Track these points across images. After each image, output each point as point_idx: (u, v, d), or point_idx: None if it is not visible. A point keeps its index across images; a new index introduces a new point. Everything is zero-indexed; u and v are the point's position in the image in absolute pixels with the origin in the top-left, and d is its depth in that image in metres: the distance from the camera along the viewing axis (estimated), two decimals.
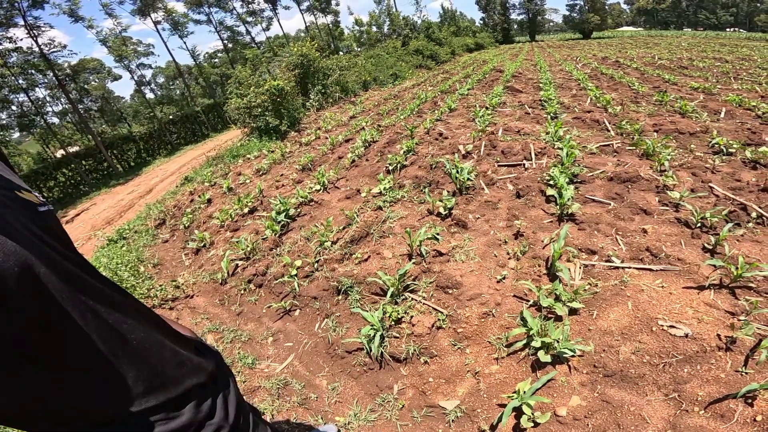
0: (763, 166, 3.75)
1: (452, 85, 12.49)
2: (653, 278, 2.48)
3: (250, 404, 1.39)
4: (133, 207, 9.57)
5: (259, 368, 2.61)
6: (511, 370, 2.13)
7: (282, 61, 15.86)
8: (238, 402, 0.91)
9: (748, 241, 2.71)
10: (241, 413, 0.89)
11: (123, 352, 0.63)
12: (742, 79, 9.49)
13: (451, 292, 2.66)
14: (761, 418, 1.67)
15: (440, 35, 34.24)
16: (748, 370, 1.86)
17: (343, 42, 39.64)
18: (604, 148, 4.71)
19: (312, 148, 7.71)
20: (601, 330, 2.18)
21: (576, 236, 2.99)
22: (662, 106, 6.58)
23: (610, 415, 1.82)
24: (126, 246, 5.35)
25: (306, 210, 4.45)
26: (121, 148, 19.20)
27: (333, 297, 2.96)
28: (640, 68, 12.39)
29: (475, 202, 3.77)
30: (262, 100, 11.03)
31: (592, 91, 7.89)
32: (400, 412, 2.09)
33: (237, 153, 9.59)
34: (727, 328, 2.06)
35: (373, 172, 5.03)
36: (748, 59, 14.63)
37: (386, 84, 19.58)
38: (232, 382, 0.94)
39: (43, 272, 0.52)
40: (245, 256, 3.81)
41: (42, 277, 0.52)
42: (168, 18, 26.95)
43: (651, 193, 3.46)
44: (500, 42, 52.24)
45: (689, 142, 4.65)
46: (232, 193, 5.97)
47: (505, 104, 7.80)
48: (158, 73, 43.36)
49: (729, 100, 6.44)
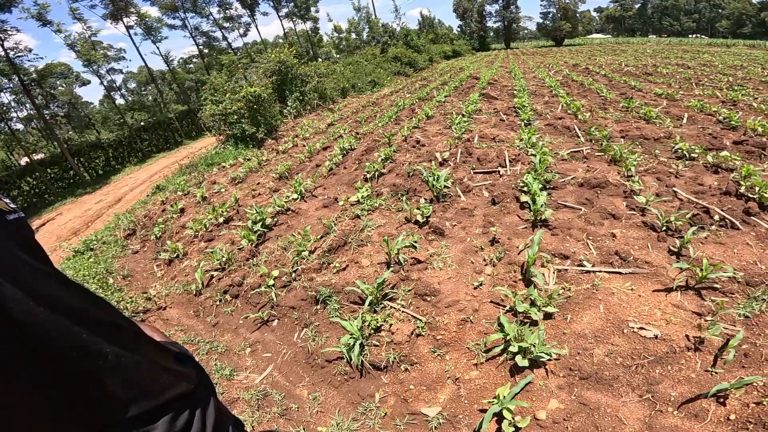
0: (725, 170, 3.94)
1: (430, 93, 12.66)
2: (623, 281, 2.56)
3: (235, 417, 1.34)
4: (101, 217, 9.20)
5: (238, 379, 2.56)
6: (490, 376, 2.16)
7: (259, 67, 15.66)
8: (218, 416, 0.88)
9: (712, 243, 2.83)
10: (220, 428, 0.86)
11: (97, 367, 0.60)
12: (703, 84, 10.01)
13: (429, 300, 2.67)
14: (735, 417, 1.72)
15: (419, 42, 34.67)
16: (718, 370, 1.92)
17: (321, 48, 39.59)
18: (574, 154, 4.86)
19: (289, 156, 7.64)
20: (576, 333, 2.24)
21: (549, 241, 3.07)
22: (628, 113, 6.86)
23: (588, 417, 1.86)
24: (93, 257, 5.14)
25: (283, 219, 4.39)
26: (88, 155, 18.45)
27: (311, 306, 2.93)
28: (608, 75, 12.91)
29: (452, 209, 3.82)
30: (239, 106, 10.84)
31: (563, 98, 8.15)
32: (382, 420, 2.08)
33: (212, 161, 9.39)
34: (694, 328, 2.13)
35: (351, 181, 5.02)
36: (710, 65, 15.46)
37: (365, 91, 19.64)
38: (212, 395, 0.91)
39: (8, 290, 0.49)
40: (220, 267, 3.72)
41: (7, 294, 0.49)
42: (141, 23, 26.21)
43: (619, 198, 3.59)
44: (477, 49, 53.40)
45: (654, 148, 4.85)
46: (206, 202, 5.83)
47: (480, 111, 7.97)
48: (129, 78, 42.12)
49: (691, 105, 6.77)
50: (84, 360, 0.58)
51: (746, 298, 2.32)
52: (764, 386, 1.79)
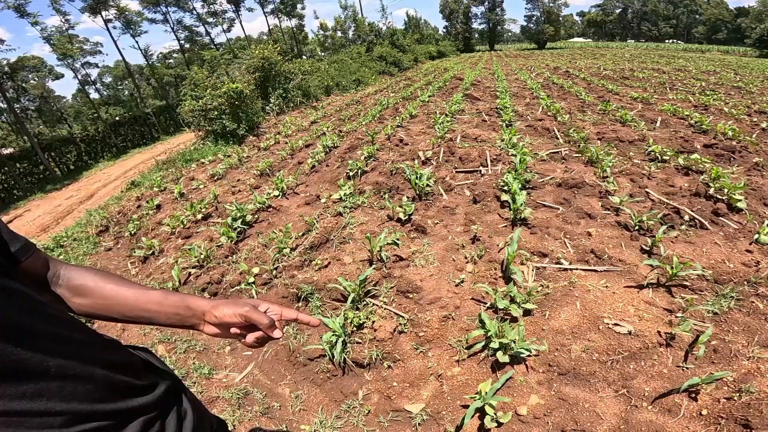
0: (695, 172, 4.09)
1: (414, 92, 12.70)
2: (598, 279, 2.63)
3: (218, 418, 1.29)
4: (71, 213, 8.86)
5: (217, 378, 2.49)
6: (472, 372, 2.17)
7: (242, 63, 15.39)
8: (197, 426, 0.84)
9: (682, 242, 2.94)
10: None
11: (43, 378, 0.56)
12: (677, 89, 10.37)
13: (411, 297, 2.67)
14: (706, 413, 1.76)
15: (404, 42, 34.70)
16: (689, 365, 1.98)
17: (307, 46, 39.20)
18: (553, 155, 4.96)
19: (271, 152, 7.53)
20: (554, 329, 2.28)
21: (528, 240, 3.12)
22: (605, 115, 7.05)
23: (567, 412, 1.88)
24: (64, 255, 4.93)
25: (264, 216, 4.32)
26: (59, 150, 17.67)
27: (293, 304, 2.89)
28: (587, 78, 13.24)
29: (434, 207, 3.84)
30: (219, 102, 10.62)
31: (544, 100, 8.31)
32: (366, 417, 2.07)
33: (190, 157, 9.15)
34: (666, 324, 2.20)
35: (334, 178, 4.99)
36: (684, 70, 16.06)
37: (349, 89, 19.55)
38: (189, 401, 0.87)
39: None
40: (198, 264, 3.62)
41: None
42: (120, 16, 25.33)
43: (595, 198, 3.68)
44: (461, 50, 53.94)
45: (628, 150, 5.01)
46: (184, 198, 5.68)
47: (463, 111, 8.04)
48: (105, 72, 40.72)
49: (664, 109, 7.01)
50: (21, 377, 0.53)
51: (715, 295, 2.40)
52: (734, 382, 1.84)
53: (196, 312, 0.84)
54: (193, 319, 0.84)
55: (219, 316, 0.82)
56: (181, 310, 0.83)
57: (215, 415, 1.28)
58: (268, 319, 0.81)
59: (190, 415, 0.83)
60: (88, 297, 0.81)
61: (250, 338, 0.84)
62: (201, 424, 0.86)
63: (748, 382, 1.80)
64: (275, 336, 0.83)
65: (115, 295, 0.81)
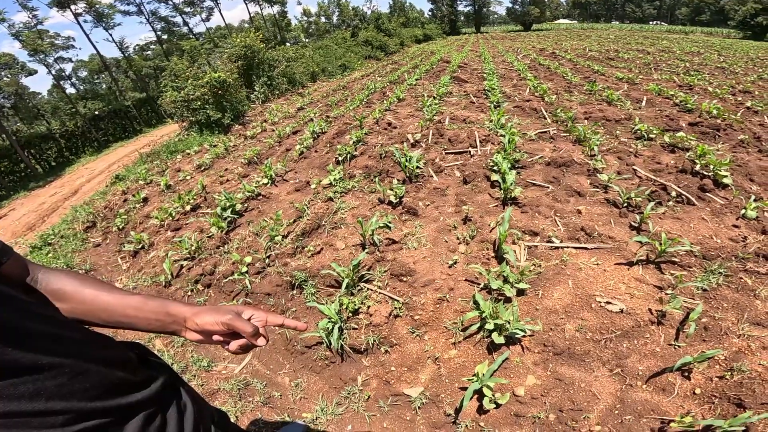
0: (680, 150, 4.13)
1: (401, 76, 12.55)
2: (589, 256, 2.65)
3: (219, 411, 1.28)
4: (57, 210, 8.64)
5: (216, 370, 2.49)
6: (469, 354, 2.17)
7: (224, 52, 15.01)
8: (198, 418, 0.84)
9: (670, 218, 2.97)
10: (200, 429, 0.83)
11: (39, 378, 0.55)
12: (661, 69, 10.43)
13: (405, 280, 2.67)
14: (700, 392, 1.77)
15: (389, 26, 34.16)
16: (681, 344, 1.99)
17: (290, 33, 38.28)
18: (542, 135, 4.98)
19: (258, 141, 7.41)
20: (547, 309, 2.28)
21: (519, 219, 3.14)
22: (592, 95, 7.08)
23: (564, 392, 1.89)
24: (52, 252, 4.83)
25: (254, 205, 4.27)
26: (39, 147, 17.15)
27: (287, 292, 2.88)
28: (573, 59, 13.23)
29: (424, 189, 3.84)
30: (202, 92, 10.37)
31: (531, 81, 8.30)
32: (366, 403, 2.08)
33: (175, 148, 8.95)
34: (656, 302, 2.21)
35: (323, 164, 4.94)
36: (668, 51, 16.14)
37: (335, 75, 19.26)
38: (188, 395, 0.87)
39: None
40: (190, 256, 3.58)
41: None
42: (90, 10, 24.34)
43: (583, 176, 3.71)
44: (447, 33, 53.26)
45: (615, 129, 5.04)
46: (171, 190, 5.58)
47: (451, 94, 7.99)
48: (80, 66, 39.42)
49: (649, 89, 7.06)
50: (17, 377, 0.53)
51: (703, 271, 2.40)
52: (725, 360, 1.85)
53: (177, 318, 0.82)
54: (174, 325, 0.82)
55: (200, 324, 0.80)
56: (161, 316, 0.81)
57: (215, 407, 1.28)
58: (252, 327, 0.80)
59: (190, 408, 0.83)
60: (67, 302, 0.78)
61: (233, 346, 0.82)
62: (201, 416, 0.86)
63: (739, 361, 1.81)
64: (259, 344, 0.82)
65: (93, 299, 0.79)
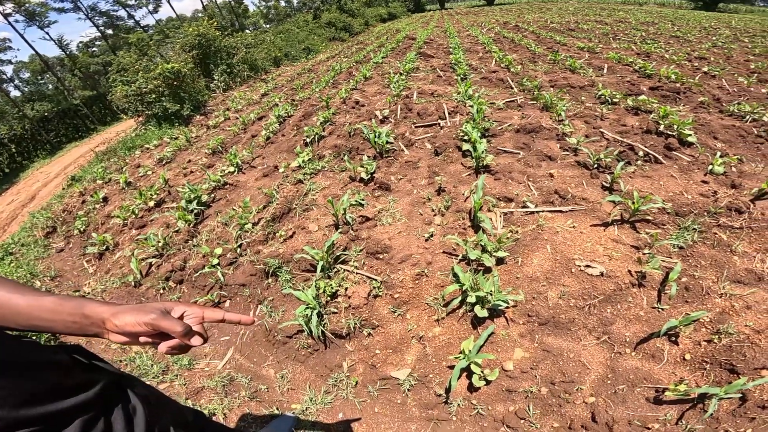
0: (644, 112, 4.23)
1: (367, 55, 12.26)
2: (565, 219, 2.65)
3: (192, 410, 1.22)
4: (16, 219, 8.15)
5: (199, 368, 2.39)
6: (453, 330, 2.13)
7: (176, 42, 14.19)
8: (151, 420, 0.80)
9: (640, 177, 3.02)
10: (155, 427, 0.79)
11: None
12: (619, 39, 10.68)
13: (382, 257, 2.62)
14: (690, 357, 1.75)
15: (353, 6, 33.13)
16: (664, 306, 1.98)
17: (249, 19, 36.64)
18: (510, 104, 4.98)
19: (221, 129, 7.09)
20: (528, 277, 2.25)
21: (493, 186, 3.13)
22: (555, 65, 7.14)
23: (554, 364, 1.86)
24: (14, 262, 4.51)
25: (221, 194, 4.09)
26: None
27: (262, 281, 2.78)
28: (536, 31, 13.30)
29: (396, 164, 3.77)
30: (156, 84, 9.78)
31: (496, 54, 8.28)
32: (355, 389, 2.04)
33: (132, 144, 8.45)
34: (635, 263, 2.20)
35: (291, 147, 4.77)
36: (624, 21, 16.54)
37: (299, 59, 18.64)
38: (138, 397, 0.81)
39: None
40: (158, 253, 3.40)
41: None
42: (19, 9, 22.41)
43: (553, 141, 3.74)
44: (412, 11, 52.26)
45: (580, 95, 5.11)
46: (131, 187, 5.27)
47: (418, 69, 7.87)
48: (21, 68, 36.68)
49: (610, 57, 7.22)
50: None
51: (678, 228, 2.43)
52: (711, 322, 1.83)
53: (95, 320, 0.73)
54: (93, 327, 0.74)
55: (119, 325, 0.72)
56: (78, 318, 0.73)
57: (188, 407, 1.21)
58: (182, 326, 0.72)
59: (140, 411, 0.79)
60: None
61: (163, 347, 0.74)
62: (156, 419, 0.82)
63: (724, 323, 1.81)
64: (194, 343, 0.75)
65: (6, 302, 0.71)
